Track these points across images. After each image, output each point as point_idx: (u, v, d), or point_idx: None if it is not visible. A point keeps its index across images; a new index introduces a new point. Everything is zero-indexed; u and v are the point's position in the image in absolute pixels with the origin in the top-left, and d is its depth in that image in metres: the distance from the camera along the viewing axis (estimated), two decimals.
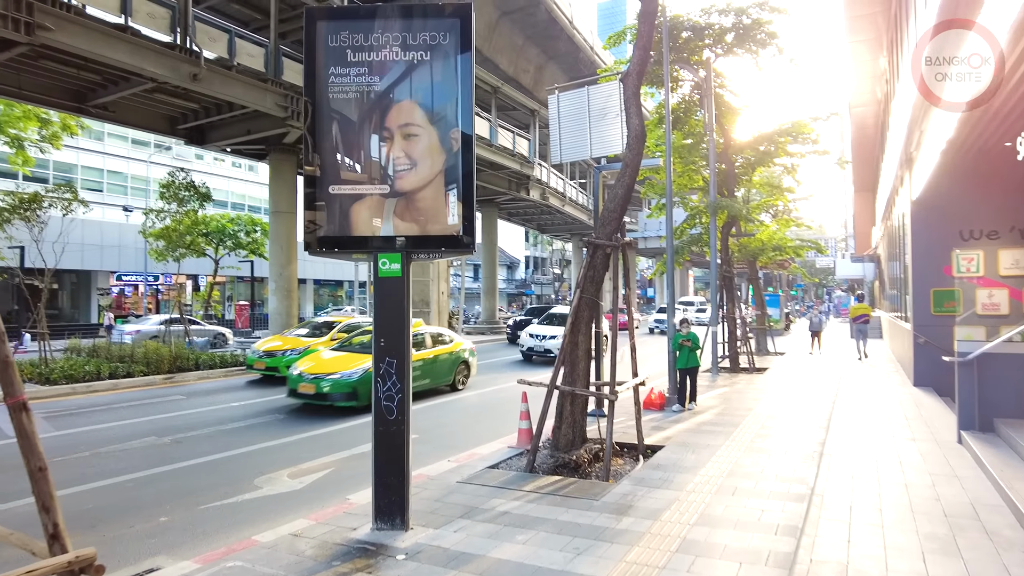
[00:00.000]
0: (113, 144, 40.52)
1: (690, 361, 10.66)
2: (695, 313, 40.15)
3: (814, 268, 62.54)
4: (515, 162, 25.03)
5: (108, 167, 39.84)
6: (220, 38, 15.41)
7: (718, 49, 16.47)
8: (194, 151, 42.69)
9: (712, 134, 16.26)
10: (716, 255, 16.06)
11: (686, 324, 10.88)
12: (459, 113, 5.13)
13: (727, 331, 16.98)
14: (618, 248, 7.43)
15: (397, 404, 5.07)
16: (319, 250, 5.18)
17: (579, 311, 7.46)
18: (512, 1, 28.32)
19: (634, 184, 7.72)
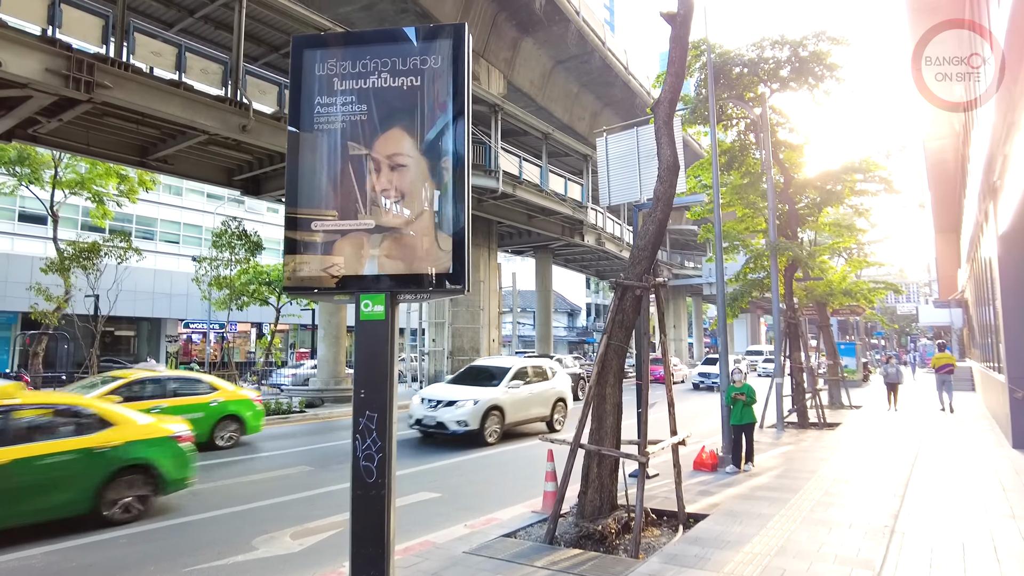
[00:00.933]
0: (191, 198, 42.89)
1: (745, 417, 9.64)
2: (763, 363, 37.91)
3: (894, 315, 58.65)
4: (567, 207, 24.62)
5: (184, 220, 42.08)
6: (270, 91, 15.88)
7: (773, 84, 15.73)
8: (266, 204, 44.56)
9: (770, 172, 15.37)
10: (778, 300, 14.93)
11: (740, 375, 9.89)
12: (452, 140, 4.67)
13: (794, 383, 15.64)
14: (648, 290, 6.71)
15: (378, 465, 4.49)
16: (299, 292, 4.76)
17: (607, 360, 6.74)
18: (566, 50, 28.48)
19: (667, 220, 7.05)
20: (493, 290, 24.54)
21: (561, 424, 14.45)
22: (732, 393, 9.69)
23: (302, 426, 15.24)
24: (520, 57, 27.49)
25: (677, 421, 7.06)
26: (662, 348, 7.30)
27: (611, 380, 6.72)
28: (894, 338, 68.81)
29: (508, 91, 27.30)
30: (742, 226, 18.42)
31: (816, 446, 11.93)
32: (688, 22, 7.18)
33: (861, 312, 22.77)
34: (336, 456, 11.34)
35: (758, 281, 16.16)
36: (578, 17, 26.89)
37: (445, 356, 22.87)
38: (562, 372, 15.87)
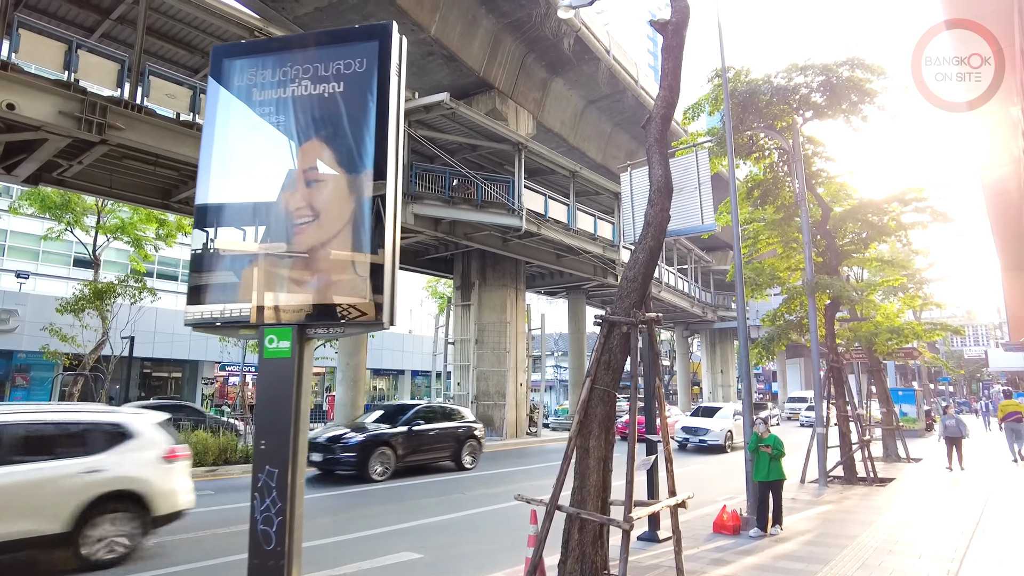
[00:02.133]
0: None
1: (772, 472, 8.53)
2: (805, 411, 34.89)
3: (961, 360, 54.87)
4: (596, 246, 23.85)
5: None
6: None
7: (806, 112, 14.84)
8: None
9: (804, 205, 14.34)
10: (817, 342, 13.71)
11: (765, 424, 8.82)
12: (375, 151, 4.07)
13: (840, 433, 14.23)
14: (636, 326, 5.89)
15: (277, 529, 3.78)
16: (201, 325, 4.17)
17: (590, 407, 5.92)
18: (597, 90, 28.18)
19: (659, 248, 6.26)
20: (520, 332, 23.78)
21: None
22: (756, 444, 8.62)
23: (309, 472, 14.63)
24: (550, 97, 27.30)
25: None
26: (657, 396, 6.40)
27: (595, 430, 5.87)
28: (962, 384, 64.36)
29: (538, 132, 27.04)
30: (784, 264, 17.29)
31: (860, 506, 10.58)
32: (682, 31, 6.52)
33: (918, 356, 20.97)
34: (331, 507, 10.65)
35: (795, 322, 14.95)
36: (608, 56, 26.61)
37: (470, 400, 22.09)
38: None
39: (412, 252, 24.48)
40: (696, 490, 12.60)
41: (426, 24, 20.78)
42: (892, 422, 18.41)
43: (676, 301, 35.15)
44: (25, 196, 23.80)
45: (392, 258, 4.00)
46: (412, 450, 14.07)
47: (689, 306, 36.89)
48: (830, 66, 13.38)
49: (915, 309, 25.23)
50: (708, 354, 44.50)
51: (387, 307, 3.91)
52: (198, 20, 15.49)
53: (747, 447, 8.99)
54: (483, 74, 23.38)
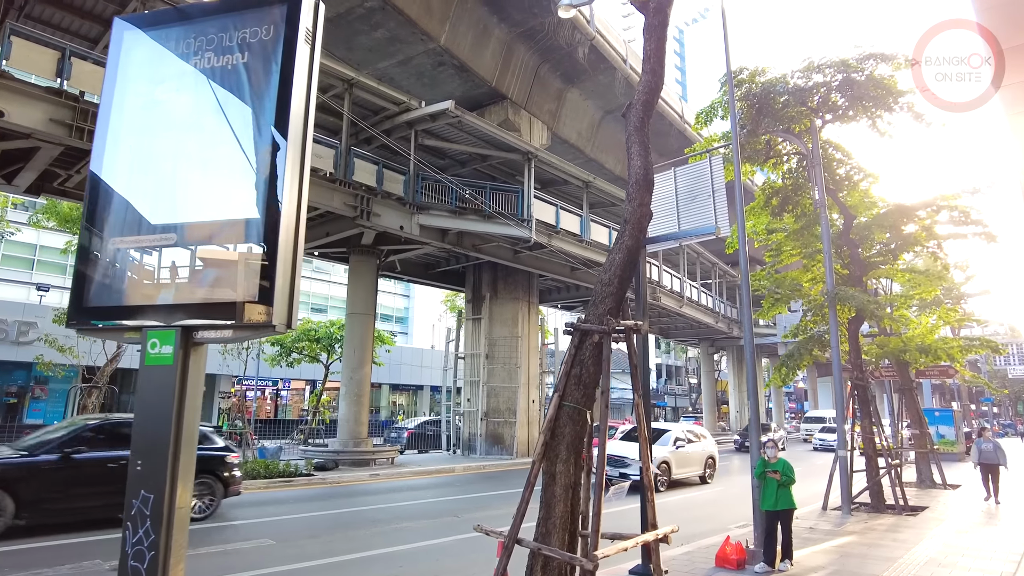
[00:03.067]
0: None
1: (780, 501, 7.71)
2: (820, 433, 31.95)
3: (1005, 379, 52.32)
4: None
5: None
6: (326, 155, 15.69)
7: (826, 114, 14.03)
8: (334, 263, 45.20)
9: (824, 211, 13.51)
10: (839, 358, 12.79)
11: (773, 446, 8.01)
12: (275, 124, 3.53)
13: (865, 457, 13.25)
14: (609, 335, 5.24)
15: (149, 566, 3.20)
16: (82, 325, 3.67)
17: (557, 426, 5.27)
18: (614, 100, 27.57)
19: (638, 247, 5.62)
20: (533, 347, 23.11)
21: None
22: (762, 469, 7.83)
23: (301, 491, 14.12)
24: (566, 108, 26.81)
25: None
26: (636, 413, 5.70)
27: (563, 453, 5.21)
28: (1007, 404, 61.43)
29: (553, 142, 26.52)
30: (808, 276, 16.38)
31: (886, 538, 9.63)
32: (665, 10, 5.91)
33: (954, 374, 19.71)
34: (312, 529, 10.09)
35: (817, 337, 14.02)
36: (625, 65, 26.04)
37: (479, 417, 21.45)
38: None
39: (423, 265, 24.08)
40: (704, 518, 11.79)
41: (435, 34, 20.48)
42: (926, 445, 17.22)
43: (699, 317, 34.11)
44: (43, 209, 24.09)
45: (290, 250, 3.43)
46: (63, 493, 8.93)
47: (714, 322, 35.78)
48: (849, 61, 12.58)
49: (953, 325, 23.88)
50: (735, 371, 43.14)
51: (281, 307, 3.33)
52: None
53: (754, 472, 8.19)
54: (496, 84, 22.99)
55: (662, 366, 67.18)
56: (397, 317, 61.18)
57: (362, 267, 19.09)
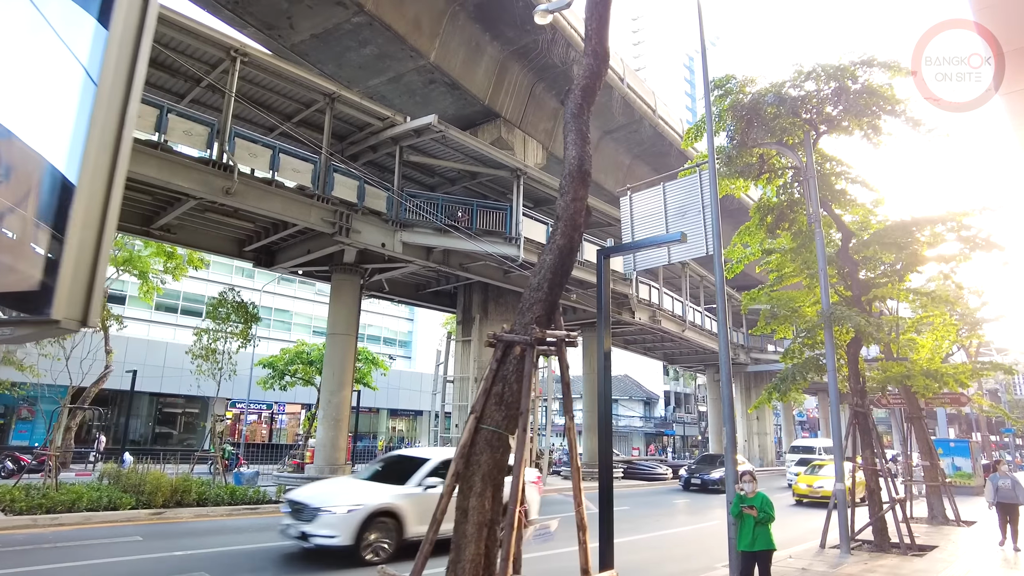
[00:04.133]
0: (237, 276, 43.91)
1: (758, 541, 6.85)
2: (794, 466, 26.05)
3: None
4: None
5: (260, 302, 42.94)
6: (262, 154, 15.18)
7: (821, 126, 13.35)
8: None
9: (819, 227, 12.75)
10: (835, 383, 11.92)
11: (751, 480, 7.17)
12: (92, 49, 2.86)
13: (868, 490, 12.27)
14: (533, 346, 4.51)
15: None
16: None
17: (473, 453, 4.53)
18: (612, 120, 27.15)
19: (572, 248, 4.91)
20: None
21: None
22: (740, 506, 6.99)
23: (265, 519, 13.32)
24: (562, 128, 26.34)
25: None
26: (569, 438, 4.93)
27: (478, 486, 4.46)
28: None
29: (549, 162, 26.03)
30: (809, 297, 15.55)
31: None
32: None
33: (966, 402, 18.63)
34: (255, 561, 9.30)
35: (814, 360, 13.14)
36: (622, 84, 25.63)
37: None
38: None
39: (413, 285, 23.46)
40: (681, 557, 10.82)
41: (425, 50, 20.16)
42: (936, 477, 16.13)
43: (703, 341, 33.11)
44: None
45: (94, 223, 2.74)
46: None
47: (718, 347, 34.72)
48: (844, 68, 11.91)
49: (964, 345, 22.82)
50: (743, 399, 41.83)
51: (72, 298, 2.64)
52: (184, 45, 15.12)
53: (730, 509, 7.34)
54: (489, 102, 22.60)
55: (670, 393, 65.85)
56: (400, 341, 60.50)
57: (344, 286, 18.49)
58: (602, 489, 6.64)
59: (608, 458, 6.95)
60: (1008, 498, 12.03)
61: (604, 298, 7.36)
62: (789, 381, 12.92)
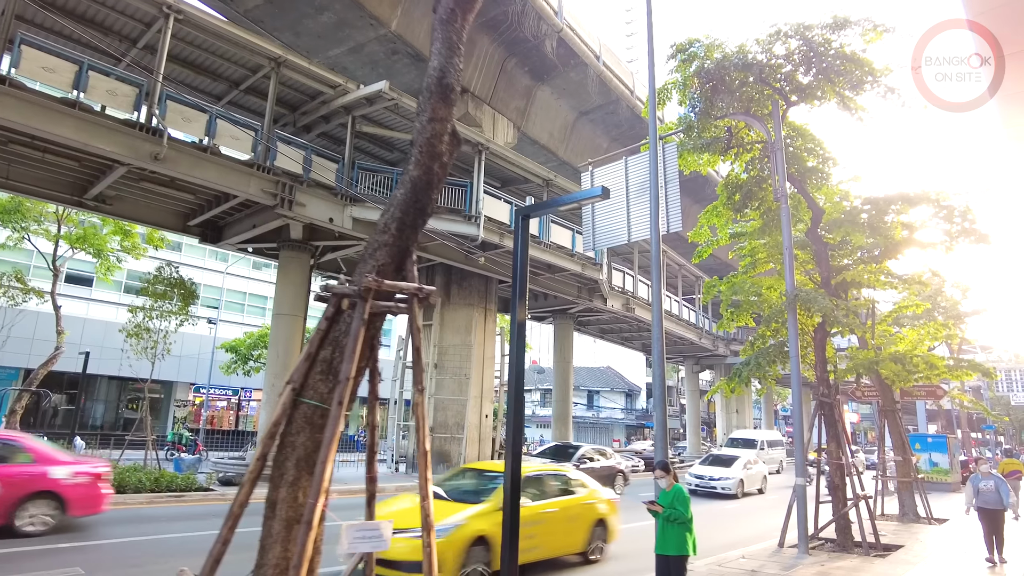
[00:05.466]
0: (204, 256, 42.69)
1: (669, 544, 5.92)
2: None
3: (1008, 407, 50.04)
4: (575, 263, 21.39)
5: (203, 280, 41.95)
6: (197, 119, 14.10)
7: (792, 95, 12.45)
8: None
9: (785, 203, 11.89)
10: (799, 370, 11.07)
11: (661, 474, 6.26)
12: None
13: (831, 486, 11.44)
14: (366, 299, 3.57)
15: None
16: None
17: (288, 432, 3.61)
18: (588, 100, 26.14)
19: (430, 179, 3.96)
20: (488, 357, 21.32)
21: None
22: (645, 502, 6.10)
23: (189, 508, 12.42)
24: (536, 107, 25.33)
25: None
26: (415, 415, 4.00)
27: (291, 472, 3.53)
28: (1010, 433, 59.03)
29: (521, 142, 25.05)
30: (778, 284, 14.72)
31: None
32: None
33: (943, 394, 17.88)
34: (157, 554, 8.37)
35: (778, 347, 12.27)
36: (598, 62, 24.61)
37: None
38: None
39: None
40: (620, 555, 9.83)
41: (386, 19, 19.10)
42: (909, 473, 15.37)
43: (682, 332, 32.29)
44: None
45: None
46: None
47: (697, 338, 33.94)
48: (812, 28, 10.98)
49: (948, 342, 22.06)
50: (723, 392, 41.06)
51: None
52: None
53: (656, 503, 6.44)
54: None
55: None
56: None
57: (292, 264, 17.45)
58: (509, 487, 5.75)
59: (516, 448, 6.04)
60: (991, 503, 10.03)
61: (521, 264, 6.43)
62: (752, 368, 12.06)
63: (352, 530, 3.49)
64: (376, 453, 4.17)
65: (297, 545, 3.17)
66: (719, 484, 20.02)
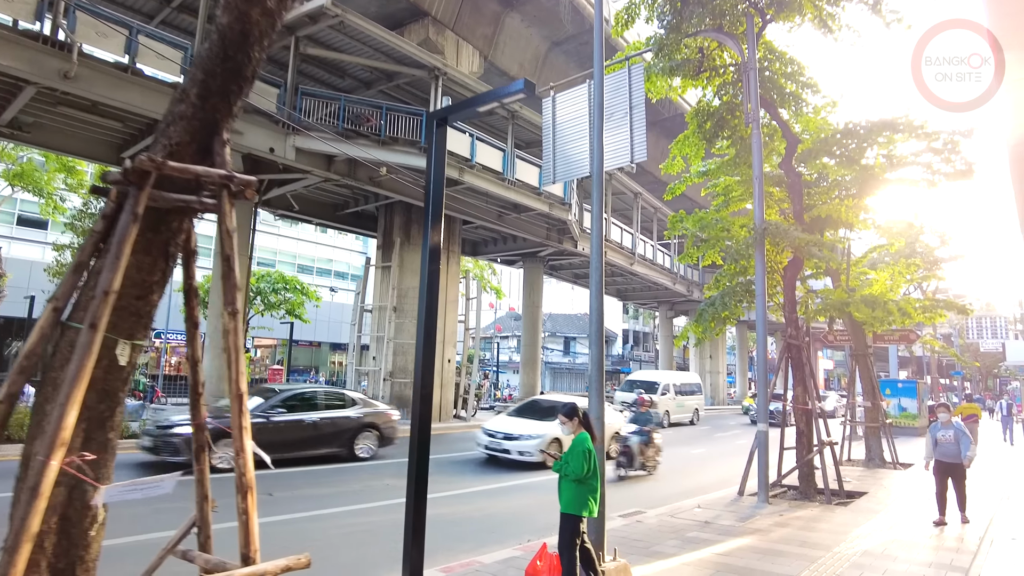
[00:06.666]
0: None
1: (561, 499, 5.05)
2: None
3: (977, 353, 50.65)
4: (542, 203, 20.34)
5: None
6: (114, 34, 12.62)
7: (768, 11, 11.31)
8: None
9: (757, 128, 10.91)
10: (764, 310, 10.32)
11: (568, 419, 5.28)
12: None
13: (797, 432, 10.86)
14: (140, 188, 2.58)
15: None
16: None
17: (51, 367, 2.67)
18: (561, 29, 24.52)
19: (251, 32, 2.91)
20: (451, 300, 20.45)
21: None
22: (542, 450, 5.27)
23: None
24: (504, 35, 23.72)
25: None
26: (226, 344, 3.09)
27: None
28: (978, 380, 60.11)
29: (488, 72, 23.54)
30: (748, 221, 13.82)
31: (792, 542, 7.22)
32: None
33: (915, 338, 17.41)
34: None
35: (744, 286, 11.48)
36: None
37: (382, 377, 18.88)
38: None
39: (330, 205, 21.17)
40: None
41: None
42: (877, 419, 14.95)
43: (654, 276, 31.59)
44: None
45: None
46: None
47: (671, 283, 33.30)
48: None
49: (921, 284, 21.58)
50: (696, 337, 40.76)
51: None
52: None
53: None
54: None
55: (628, 332, 65.26)
56: (354, 275, 58.28)
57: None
58: (415, 437, 4.93)
59: (427, 390, 5.19)
60: (949, 455, 8.58)
61: (435, 179, 5.44)
62: (717, 308, 11.29)
63: (120, 488, 2.61)
64: (202, 395, 3.30)
65: (15, 521, 2.27)
66: (516, 447, 12.74)
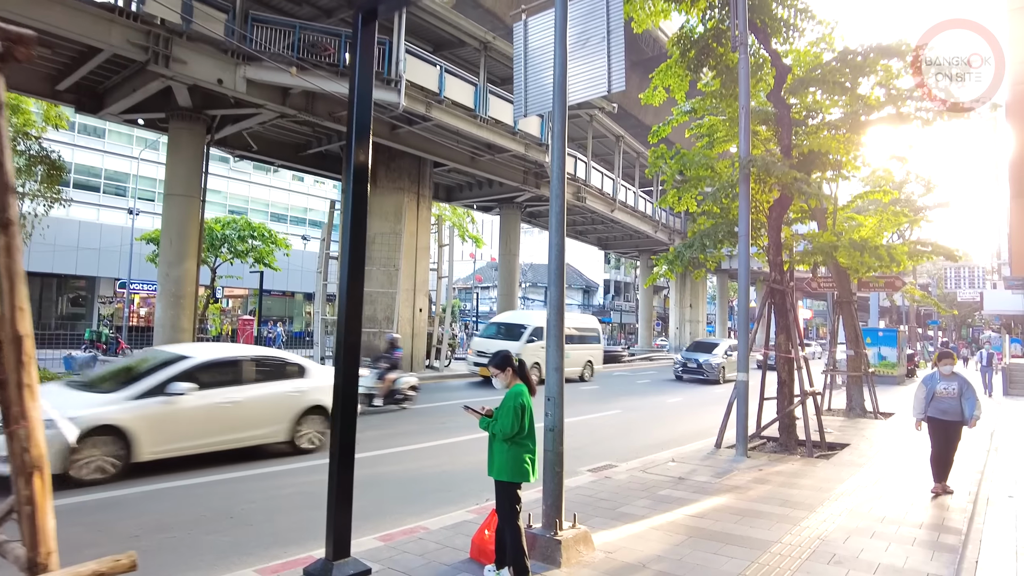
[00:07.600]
0: (114, 141, 39.36)
1: (491, 461, 4.33)
2: None
3: (954, 302, 50.99)
4: (517, 143, 19.27)
5: (108, 166, 38.86)
6: None
7: None
8: None
9: (743, 55, 9.98)
10: (746, 248, 9.60)
11: (500, 370, 4.38)
12: None
13: (779, 381, 10.29)
14: None
15: None
16: None
17: None
18: None
19: None
20: (422, 247, 19.56)
21: None
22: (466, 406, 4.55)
23: None
24: None
25: None
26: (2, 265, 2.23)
27: None
28: (952, 329, 60.89)
29: (461, 3, 21.97)
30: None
31: (772, 498, 6.67)
32: None
33: (901, 285, 16.91)
34: None
35: (726, 226, 10.71)
36: None
37: None
38: None
39: (291, 145, 19.90)
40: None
41: None
42: (860, 368, 14.52)
43: (636, 224, 30.81)
44: None
45: None
46: None
47: (652, 231, 32.58)
48: None
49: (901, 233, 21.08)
50: (677, 286, 40.44)
51: None
52: None
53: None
54: None
55: (610, 282, 64.94)
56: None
57: (182, 136, 14.98)
58: (339, 390, 4.17)
59: (353, 338, 4.40)
60: (950, 413, 6.93)
61: (361, 90, 4.48)
62: (696, 249, 10.54)
63: None
64: None
65: None
66: None
